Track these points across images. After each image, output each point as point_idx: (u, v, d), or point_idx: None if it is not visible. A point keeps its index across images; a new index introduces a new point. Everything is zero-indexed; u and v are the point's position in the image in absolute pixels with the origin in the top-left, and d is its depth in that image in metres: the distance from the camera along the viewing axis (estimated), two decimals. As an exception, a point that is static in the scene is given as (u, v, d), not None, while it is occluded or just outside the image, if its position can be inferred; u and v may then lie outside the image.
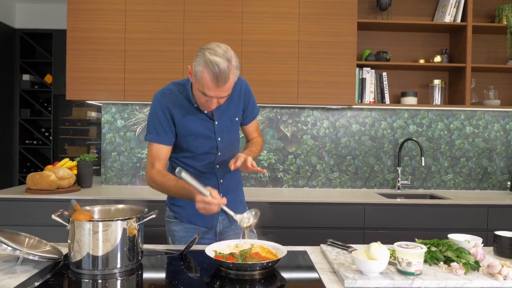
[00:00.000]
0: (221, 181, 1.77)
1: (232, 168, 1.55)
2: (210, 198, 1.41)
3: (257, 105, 1.86)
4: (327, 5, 3.03)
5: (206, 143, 1.69)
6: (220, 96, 1.51)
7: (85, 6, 2.99)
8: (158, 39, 2.99)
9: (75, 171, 3.07)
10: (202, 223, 1.77)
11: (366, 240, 2.76)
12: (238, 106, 1.74)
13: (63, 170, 2.89)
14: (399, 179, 3.33)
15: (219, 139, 1.70)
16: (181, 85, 1.68)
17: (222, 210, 1.51)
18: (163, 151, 1.66)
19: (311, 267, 1.39)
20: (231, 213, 1.48)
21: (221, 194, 1.71)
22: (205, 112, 1.65)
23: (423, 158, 3.14)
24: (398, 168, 3.33)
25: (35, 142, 5.48)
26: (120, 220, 1.30)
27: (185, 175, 1.43)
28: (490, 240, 1.49)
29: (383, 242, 1.31)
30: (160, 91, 1.68)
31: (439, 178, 3.42)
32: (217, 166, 1.75)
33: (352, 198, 2.90)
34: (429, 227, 2.79)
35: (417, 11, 3.38)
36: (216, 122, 1.69)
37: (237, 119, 1.75)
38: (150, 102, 1.66)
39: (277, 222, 2.74)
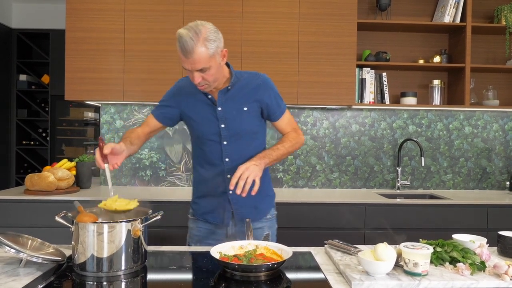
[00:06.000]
0: (228, 176, 1.72)
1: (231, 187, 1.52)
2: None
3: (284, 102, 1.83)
4: (327, 5, 3.03)
5: (209, 127, 1.71)
6: (194, 68, 1.52)
7: (84, 6, 2.97)
8: (157, 39, 2.97)
9: (74, 172, 3.05)
10: (213, 220, 1.79)
11: (366, 241, 2.76)
12: (249, 98, 1.72)
13: (62, 171, 2.87)
14: (398, 179, 3.33)
15: (222, 125, 1.70)
16: None
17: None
18: (150, 120, 1.81)
19: (316, 268, 1.39)
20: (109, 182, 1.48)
21: (230, 192, 1.72)
22: (209, 96, 1.69)
23: (423, 158, 3.14)
24: (397, 168, 3.34)
25: (32, 142, 5.44)
26: (125, 221, 1.29)
27: (106, 166, 1.50)
28: (491, 240, 1.49)
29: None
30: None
31: (439, 178, 3.43)
32: (226, 159, 1.73)
33: (352, 198, 2.90)
34: (429, 227, 2.79)
35: (416, 12, 3.38)
36: (220, 108, 1.69)
37: (245, 108, 1.71)
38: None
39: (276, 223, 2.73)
